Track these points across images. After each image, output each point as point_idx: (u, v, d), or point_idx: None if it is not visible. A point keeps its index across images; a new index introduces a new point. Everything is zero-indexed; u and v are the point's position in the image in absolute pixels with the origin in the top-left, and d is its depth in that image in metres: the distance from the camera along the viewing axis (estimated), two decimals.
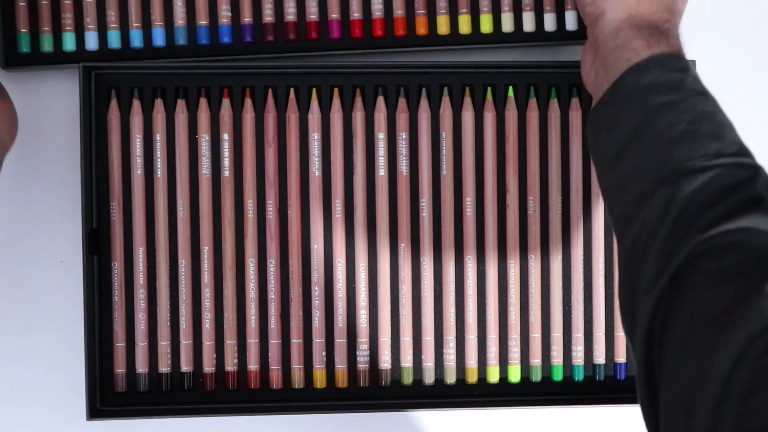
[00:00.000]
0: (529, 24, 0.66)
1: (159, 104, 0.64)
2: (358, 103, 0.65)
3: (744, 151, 0.50)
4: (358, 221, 0.65)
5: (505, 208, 0.65)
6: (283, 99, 0.64)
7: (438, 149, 0.65)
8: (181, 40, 0.65)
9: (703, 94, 0.52)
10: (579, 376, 0.66)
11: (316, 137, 0.65)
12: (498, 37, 0.65)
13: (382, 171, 0.65)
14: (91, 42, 0.64)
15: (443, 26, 0.65)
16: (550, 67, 0.65)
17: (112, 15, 0.64)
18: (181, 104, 0.64)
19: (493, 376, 0.65)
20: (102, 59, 0.64)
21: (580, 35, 0.65)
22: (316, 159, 0.65)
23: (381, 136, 0.65)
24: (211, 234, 0.64)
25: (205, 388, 0.64)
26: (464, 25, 0.65)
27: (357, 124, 0.65)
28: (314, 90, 0.64)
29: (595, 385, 0.66)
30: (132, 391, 0.64)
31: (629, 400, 0.65)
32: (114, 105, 0.63)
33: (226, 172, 0.64)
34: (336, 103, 0.65)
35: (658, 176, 0.50)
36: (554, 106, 0.65)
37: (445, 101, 0.65)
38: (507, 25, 0.65)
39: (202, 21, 0.64)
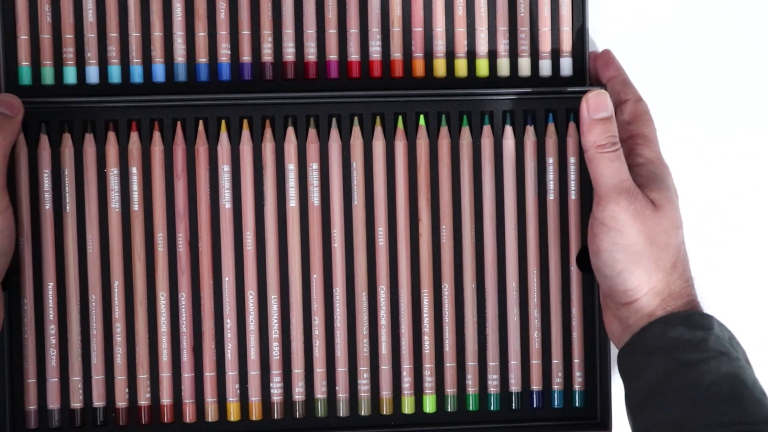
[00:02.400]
0: (525, 69, 0.66)
1: (67, 138, 0.64)
2: (268, 134, 0.64)
3: (758, 418, 0.53)
4: (269, 253, 0.64)
5: (417, 237, 0.65)
6: (192, 131, 0.64)
7: (349, 179, 0.65)
8: (181, 76, 0.65)
9: (726, 355, 0.55)
10: (495, 405, 0.65)
11: (225, 169, 0.64)
12: (493, 82, 0.66)
13: (293, 202, 0.64)
14: (92, 76, 0.64)
15: (440, 69, 0.66)
16: (461, 96, 0.65)
17: (113, 50, 0.64)
18: (89, 138, 0.64)
19: (408, 406, 0.65)
20: (103, 93, 0.64)
21: (575, 81, 0.65)
22: (227, 191, 0.64)
23: (291, 167, 0.64)
24: (121, 268, 0.64)
25: (119, 423, 0.64)
26: (461, 69, 0.66)
27: (267, 156, 0.64)
28: (223, 122, 0.64)
29: (511, 413, 0.65)
30: (44, 428, 0.64)
31: (545, 428, 0.65)
32: (21, 140, 0.63)
33: (136, 206, 0.64)
34: (245, 134, 0.64)
35: None
36: (466, 133, 0.65)
37: (356, 131, 0.65)
38: (503, 69, 0.66)
39: (202, 59, 0.65)
